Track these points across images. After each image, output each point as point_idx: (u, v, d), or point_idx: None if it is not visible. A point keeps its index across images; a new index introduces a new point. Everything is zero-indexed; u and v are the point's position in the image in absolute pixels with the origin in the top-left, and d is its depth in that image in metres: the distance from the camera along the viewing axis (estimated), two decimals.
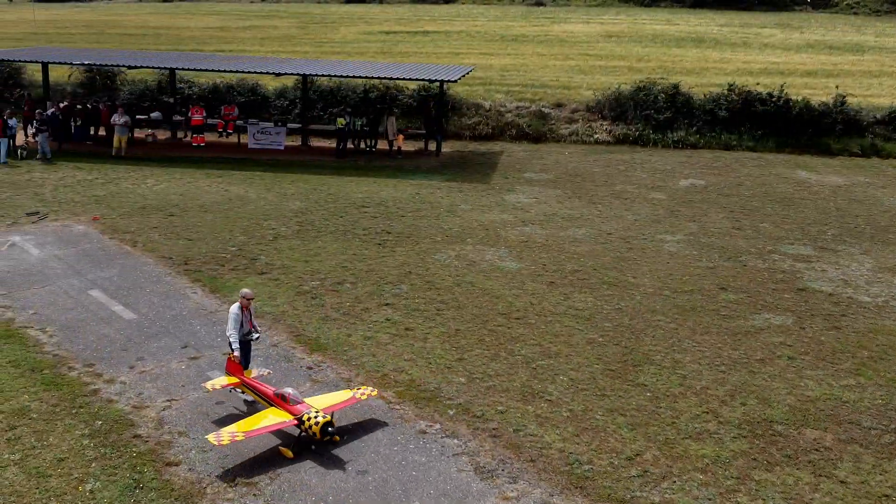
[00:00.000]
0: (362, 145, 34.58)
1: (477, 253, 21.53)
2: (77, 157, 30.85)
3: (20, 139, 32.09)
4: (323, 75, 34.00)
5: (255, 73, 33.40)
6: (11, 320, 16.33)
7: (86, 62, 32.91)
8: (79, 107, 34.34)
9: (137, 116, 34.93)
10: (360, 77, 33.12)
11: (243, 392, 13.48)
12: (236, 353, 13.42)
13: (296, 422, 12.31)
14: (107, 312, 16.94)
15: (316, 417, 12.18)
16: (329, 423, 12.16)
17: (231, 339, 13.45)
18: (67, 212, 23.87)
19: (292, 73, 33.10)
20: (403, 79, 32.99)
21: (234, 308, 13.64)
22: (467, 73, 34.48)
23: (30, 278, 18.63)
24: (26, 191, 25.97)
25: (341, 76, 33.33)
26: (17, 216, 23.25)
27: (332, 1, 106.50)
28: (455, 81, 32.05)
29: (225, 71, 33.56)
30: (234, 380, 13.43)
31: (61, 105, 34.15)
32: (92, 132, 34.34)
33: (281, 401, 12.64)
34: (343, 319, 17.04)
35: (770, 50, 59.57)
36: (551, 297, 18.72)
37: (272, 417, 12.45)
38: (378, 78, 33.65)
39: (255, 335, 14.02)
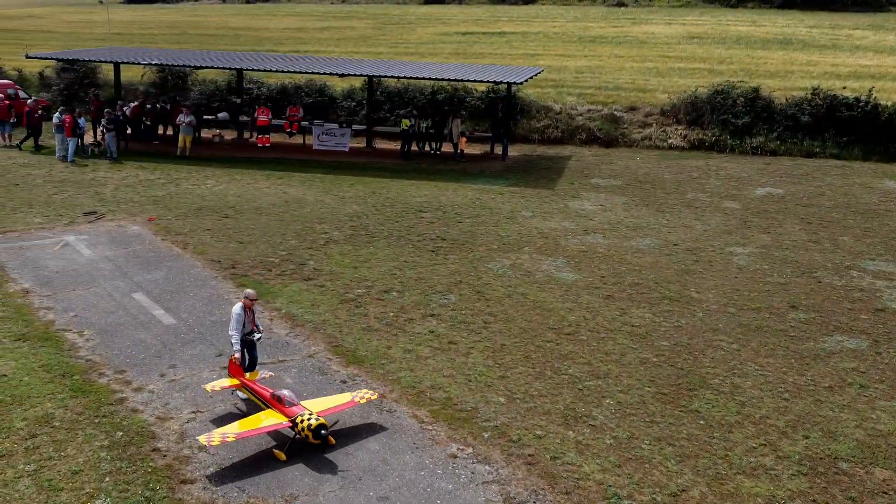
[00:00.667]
0: (427, 148, 34.02)
1: (533, 262, 20.67)
2: (143, 157, 31.03)
3: (89, 138, 32.42)
4: (388, 76, 33.49)
5: (319, 73, 33.09)
6: (51, 322, 16.17)
7: (153, 62, 33.12)
8: (148, 106, 34.60)
9: (205, 116, 35.04)
10: (425, 78, 32.48)
11: (243, 393, 13.28)
12: (237, 354, 13.25)
13: (290, 424, 12.04)
14: (147, 317, 16.66)
15: (309, 420, 11.88)
16: (322, 426, 11.86)
17: (233, 340, 13.30)
18: (125, 212, 23.86)
19: (356, 74, 32.65)
20: (469, 80, 32.26)
21: (237, 308, 13.43)
22: (536, 75, 33.58)
23: (77, 279, 18.51)
24: (88, 190, 26.11)
25: (406, 77, 32.76)
26: (75, 216, 23.31)
27: (412, 2, 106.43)
28: (521, 83, 31.19)
29: (289, 71, 33.36)
30: (235, 381, 13.23)
31: (132, 105, 34.50)
32: (161, 132, 34.59)
33: (276, 402, 12.37)
34: (385, 330, 16.40)
35: (861, 52, 56.87)
36: (606, 311, 17.74)
37: (267, 419, 12.23)
38: (443, 79, 32.96)
39: (258, 335, 13.75)
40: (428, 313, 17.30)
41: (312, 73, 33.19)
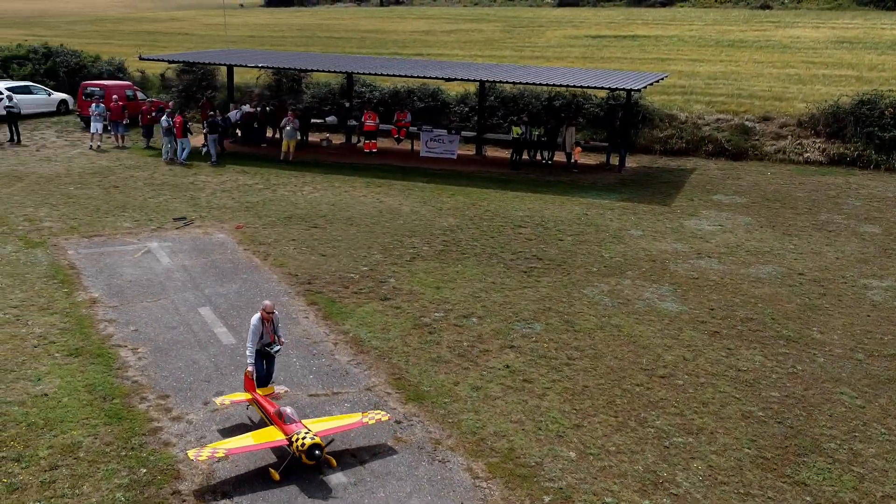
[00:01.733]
0: (538, 157, 32.30)
1: (634, 289, 18.71)
2: (246, 161, 30.62)
3: (197, 141, 32.29)
4: (499, 81, 31.92)
5: (426, 77, 31.83)
6: (109, 337, 15.44)
7: (260, 65, 32.70)
8: (258, 109, 34.28)
9: (313, 120, 34.45)
10: (536, 84, 30.73)
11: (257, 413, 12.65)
12: (250, 368, 12.66)
13: (287, 442, 11.38)
14: (207, 335, 15.72)
15: (304, 439, 11.17)
16: (317, 446, 11.14)
17: (248, 352, 12.77)
18: (214, 218, 23.25)
19: (464, 79, 31.22)
20: (583, 87, 30.30)
21: (255, 319, 12.86)
22: (657, 81, 31.31)
23: (147, 290, 17.83)
24: (184, 194, 25.73)
25: (518, 82, 31.12)
26: (164, 221, 22.85)
27: (546, 4, 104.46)
28: (640, 90, 29.09)
29: (397, 75, 32.26)
30: (247, 395, 12.66)
31: (244, 109, 34.26)
32: (269, 135, 34.21)
33: (277, 419, 11.76)
34: (455, 362, 14.88)
35: None
36: (710, 351, 15.65)
37: (264, 436, 11.64)
38: (556, 85, 31.08)
39: (276, 347, 13.09)
40: (507, 344, 15.67)
41: (420, 76, 31.97)
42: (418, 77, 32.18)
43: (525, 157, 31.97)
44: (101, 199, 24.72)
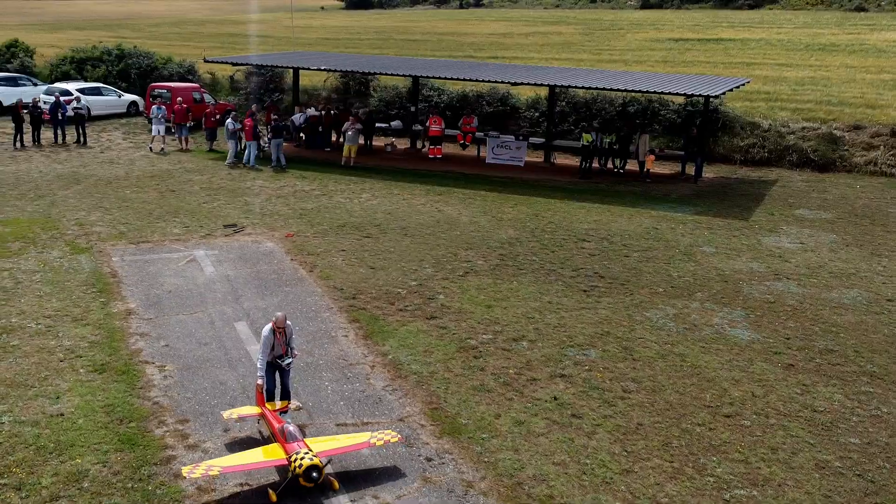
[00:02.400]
0: (609, 165, 30.86)
1: (702, 313, 17.24)
2: (307, 166, 29.97)
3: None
4: (569, 86, 30.57)
5: (492, 81, 30.70)
6: (137, 352, 14.74)
7: (322, 67, 32.01)
8: (323, 112, 33.65)
9: (377, 124, 33.66)
10: (611, 89, 29.26)
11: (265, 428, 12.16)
12: (259, 381, 12.17)
13: (286, 462, 10.76)
14: (239, 352, 14.89)
15: (302, 459, 10.51)
16: (314, 467, 10.47)
17: (258, 365, 12.32)
18: (266, 226, 22.55)
19: (531, 83, 29.93)
20: (657, 92, 28.71)
21: (265, 330, 12.35)
22: (739, 87, 29.57)
23: (186, 301, 17.14)
24: (239, 199, 25.14)
25: (589, 87, 29.73)
26: (215, 227, 22.24)
27: (629, 6, 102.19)
28: (717, 96, 27.43)
29: (462, 79, 31.18)
30: (257, 409, 12.20)
31: (309, 112, 33.68)
32: (334, 139, 33.54)
33: (279, 436, 11.23)
34: (499, 391, 13.71)
35: None
36: (784, 387, 14.14)
37: (265, 454, 11.08)
38: (629, 91, 29.56)
39: (288, 360, 12.48)
40: (557, 372, 14.44)
41: (486, 80, 30.85)
42: (485, 81, 31.05)
43: (595, 165, 30.59)
44: (154, 204, 24.29)
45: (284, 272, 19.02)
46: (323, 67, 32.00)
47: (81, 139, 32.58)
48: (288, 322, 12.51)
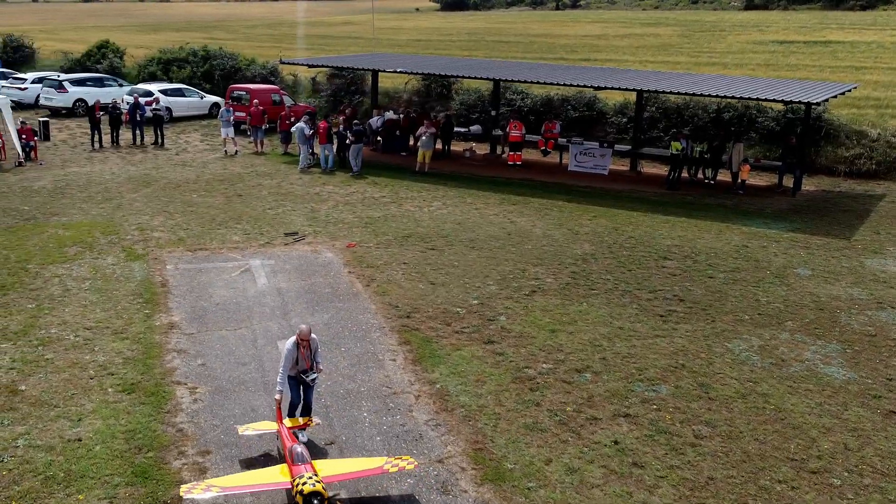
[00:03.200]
0: (700, 176, 28.96)
1: (792, 346, 15.46)
2: (381, 171, 29.06)
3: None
4: (656, 91, 28.77)
5: (575, 85, 29.14)
6: (171, 371, 13.89)
7: (399, 69, 30.95)
8: (401, 115, 32.68)
9: (456, 129, 32.49)
10: (700, 95, 27.36)
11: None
12: (277, 396, 11.54)
13: (290, 484, 10.03)
14: (277, 375, 13.86)
15: (305, 483, 9.73)
16: (316, 494, 9.65)
17: (278, 378, 11.70)
18: (329, 234, 21.63)
19: (615, 88, 28.20)
20: (753, 98, 26.64)
21: (289, 343, 11.76)
22: (843, 93, 27.28)
23: (232, 316, 16.27)
24: (305, 206, 24.32)
25: (679, 93, 27.89)
26: (276, 235, 21.43)
27: (731, 7, 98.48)
28: (819, 104, 25.28)
29: (544, 82, 29.71)
30: (273, 425, 11.61)
31: (388, 115, 32.79)
32: (411, 143, 32.52)
33: (287, 456, 10.54)
34: (553, 432, 12.32)
35: None
36: (883, 439, 12.33)
37: (270, 475, 10.42)
38: (723, 96, 27.52)
39: (312, 375, 11.84)
40: (621, 411, 12.95)
41: (569, 84, 29.32)
42: (567, 84, 29.52)
43: (685, 175, 28.72)
44: (219, 209, 23.67)
45: (339, 286, 18.00)
46: (399, 70, 30.99)
47: (159, 140, 32.43)
48: (313, 335, 11.91)
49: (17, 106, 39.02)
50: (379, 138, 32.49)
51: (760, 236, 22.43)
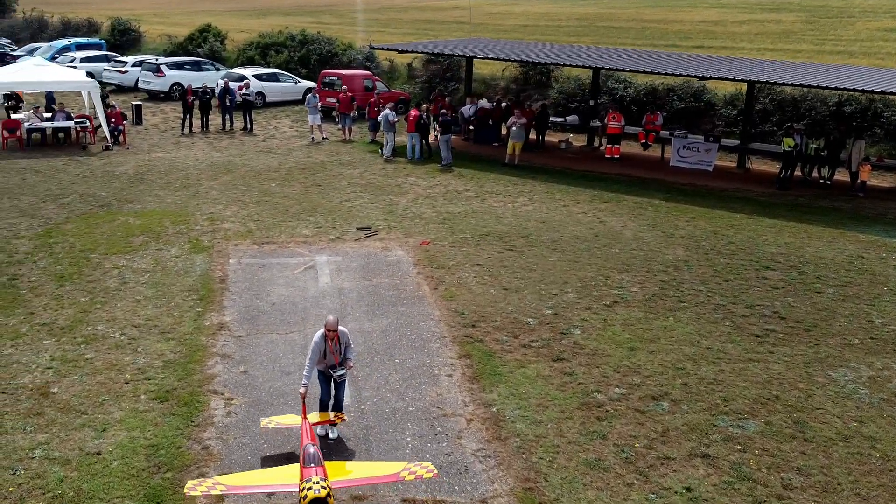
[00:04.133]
0: (815, 175, 26.56)
1: None
2: (469, 162, 27.79)
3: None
4: (766, 82, 26.40)
5: (679, 74, 27.07)
6: (210, 379, 12.99)
7: (490, 56, 29.45)
8: (494, 104, 31.28)
9: (552, 119, 30.88)
10: (816, 87, 24.93)
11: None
12: (302, 390, 10.86)
13: (298, 487, 9.44)
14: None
15: (310, 488, 9.09)
16: (319, 500, 8.96)
17: (304, 372, 11.08)
18: (403, 230, 20.50)
19: (720, 78, 25.96)
20: (874, 91, 24.07)
21: (317, 336, 11.14)
22: None
23: (286, 318, 15.31)
24: (384, 199, 23.27)
25: (791, 84, 25.50)
26: (348, 229, 20.43)
27: None
28: None
29: (644, 71, 27.73)
30: (296, 420, 11.13)
31: (481, 103, 31.47)
32: (503, 133, 31.10)
33: (300, 456, 9.90)
34: (618, 471, 10.81)
35: None
36: None
37: (278, 476, 9.90)
38: (844, 89, 24.93)
39: (340, 371, 11.22)
40: (699, 450, 11.33)
41: (672, 73, 27.27)
42: (669, 74, 27.48)
43: (798, 174, 26.38)
44: (294, 199, 22.86)
45: (405, 288, 16.83)
46: (491, 56, 29.51)
47: (248, 126, 31.99)
48: (342, 328, 11.19)
49: (118, 89, 39.49)
50: (471, 127, 31.19)
51: (879, 245, 20.15)
